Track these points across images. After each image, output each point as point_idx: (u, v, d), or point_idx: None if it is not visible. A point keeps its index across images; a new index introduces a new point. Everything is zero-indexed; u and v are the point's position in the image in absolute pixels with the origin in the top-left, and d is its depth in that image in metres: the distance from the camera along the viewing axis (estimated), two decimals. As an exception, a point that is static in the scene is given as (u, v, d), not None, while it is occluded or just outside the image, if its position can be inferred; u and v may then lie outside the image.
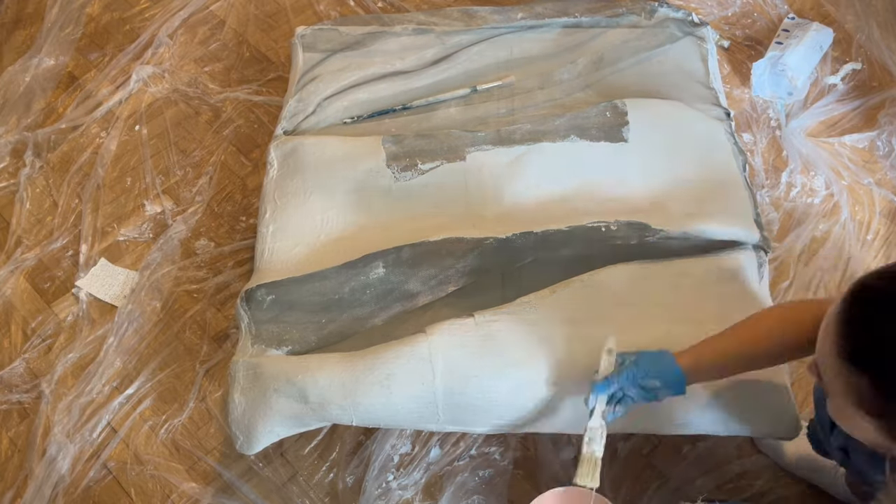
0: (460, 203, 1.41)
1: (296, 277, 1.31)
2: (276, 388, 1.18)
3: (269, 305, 1.29)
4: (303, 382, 1.17)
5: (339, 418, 1.18)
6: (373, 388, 1.16)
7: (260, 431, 1.19)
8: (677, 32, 1.64)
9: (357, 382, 1.17)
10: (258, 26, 1.97)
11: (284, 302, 1.29)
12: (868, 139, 1.64)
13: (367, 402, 1.16)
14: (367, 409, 1.17)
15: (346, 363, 1.19)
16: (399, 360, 1.17)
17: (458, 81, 1.64)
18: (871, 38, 1.79)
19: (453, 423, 1.20)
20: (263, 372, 1.20)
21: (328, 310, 1.29)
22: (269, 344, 1.27)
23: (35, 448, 1.36)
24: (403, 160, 1.44)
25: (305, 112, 1.58)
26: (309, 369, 1.18)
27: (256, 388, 1.19)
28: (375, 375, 1.17)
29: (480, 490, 1.27)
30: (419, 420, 1.19)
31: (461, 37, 1.70)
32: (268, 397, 1.18)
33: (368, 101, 1.61)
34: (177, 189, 1.68)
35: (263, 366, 1.20)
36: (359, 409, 1.17)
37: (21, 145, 1.77)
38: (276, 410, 1.18)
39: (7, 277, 1.57)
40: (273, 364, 1.21)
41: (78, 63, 1.93)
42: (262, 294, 1.29)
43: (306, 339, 1.27)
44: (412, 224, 1.39)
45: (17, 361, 1.47)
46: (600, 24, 1.69)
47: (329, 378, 1.17)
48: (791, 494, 1.25)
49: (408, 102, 1.60)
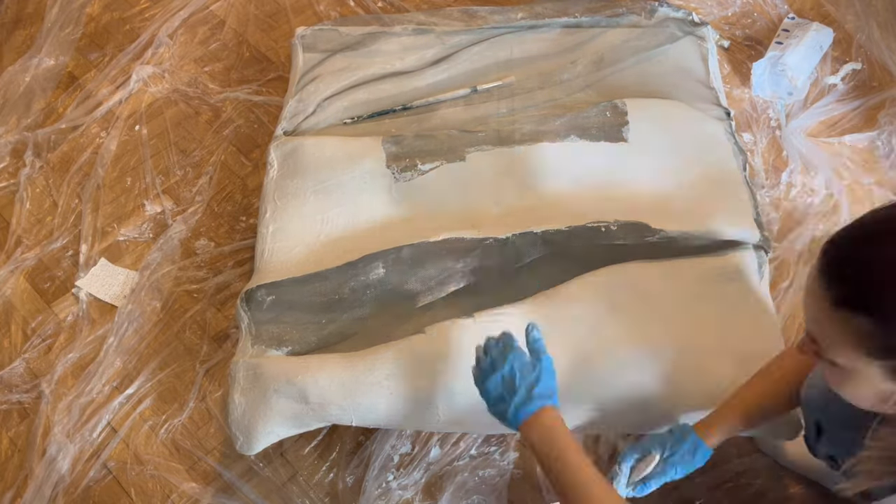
0: (460, 203, 1.41)
1: (296, 278, 1.31)
2: (276, 389, 1.18)
3: (269, 306, 1.29)
4: (303, 383, 1.17)
5: (339, 418, 1.18)
6: (372, 389, 1.16)
7: (260, 432, 1.19)
8: (677, 32, 1.64)
9: (357, 383, 1.16)
10: (258, 26, 1.97)
11: (284, 302, 1.29)
12: (868, 139, 1.64)
13: (367, 402, 1.16)
14: (366, 410, 1.17)
15: (346, 363, 1.19)
16: (398, 361, 1.17)
17: (458, 82, 1.64)
18: (871, 38, 1.79)
19: (453, 424, 1.20)
20: (263, 372, 1.20)
21: (328, 310, 1.29)
22: (270, 344, 1.27)
23: (35, 448, 1.36)
24: (403, 160, 1.44)
25: (305, 112, 1.58)
26: (309, 369, 1.18)
27: (256, 389, 1.19)
28: (375, 376, 1.17)
29: (480, 490, 1.27)
30: (419, 420, 1.19)
31: (461, 37, 1.70)
32: (268, 398, 1.18)
33: (368, 101, 1.61)
34: (177, 189, 1.68)
35: (263, 366, 1.20)
36: (359, 410, 1.17)
37: (21, 145, 1.78)
38: (276, 411, 1.18)
39: (7, 277, 1.57)
40: (273, 364, 1.21)
41: (78, 63, 1.93)
42: (262, 294, 1.29)
43: (306, 339, 1.27)
44: (412, 224, 1.39)
45: (17, 361, 1.47)
46: (600, 23, 1.69)
47: (329, 378, 1.17)
48: (791, 494, 1.25)
49: (408, 103, 1.60)
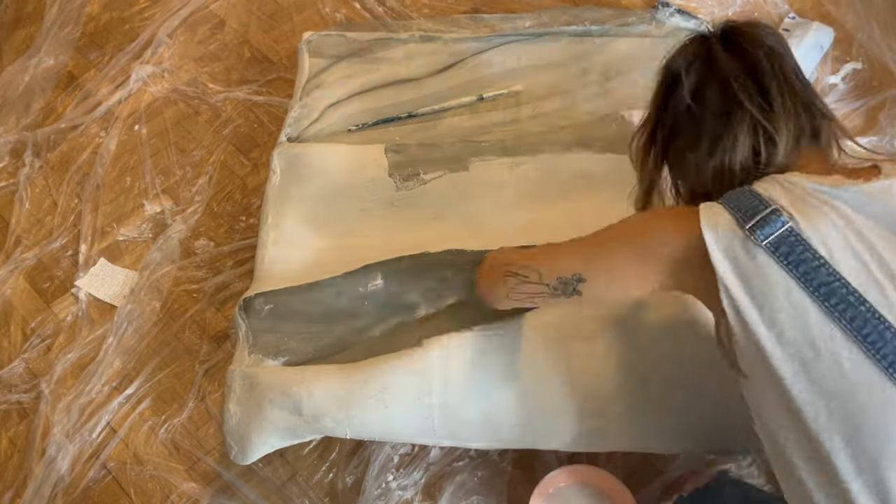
0: (462, 214, 1.40)
1: (294, 287, 1.29)
2: (271, 399, 1.16)
3: (266, 315, 1.27)
4: (297, 394, 1.15)
5: (333, 431, 1.16)
6: (368, 402, 1.14)
7: (254, 442, 1.17)
8: (688, 42, 1.63)
9: (352, 395, 1.14)
10: (259, 26, 1.96)
11: (283, 312, 1.28)
12: (869, 142, 1.64)
13: (362, 415, 1.14)
14: (361, 423, 1.15)
15: (342, 376, 1.17)
16: (395, 374, 1.15)
17: (464, 90, 1.63)
18: (872, 37, 1.79)
19: (450, 438, 1.18)
20: (259, 382, 1.18)
21: (326, 320, 1.27)
22: (267, 354, 1.25)
23: (34, 448, 1.36)
24: (406, 169, 1.43)
25: (310, 118, 1.57)
26: (304, 381, 1.17)
27: (252, 399, 1.18)
28: (371, 389, 1.14)
29: (480, 490, 1.27)
30: (415, 434, 1.17)
31: (468, 44, 1.68)
32: (262, 408, 1.17)
33: (373, 108, 1.60)
34: (176, 189, 1.68)
35: (259, 376, 1.19)
36: (353, 423, 1.15)
37: (20, 145, 1.77)
38: (271, 421, 1.16)
39: (6, 277, 1.57)
40: (269, 375, 1.20)
41: (77, 63, 1.93)
42: (260, 303, 1.28)
43: (303, 350, 1.26)
44: (413, 234, 1.37)
45: (17, 361, 1.46)
46: (609, 32, 1.67)
47: (324, 390, 1.15)
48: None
49: (413, 110, 1.59)
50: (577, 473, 1.19)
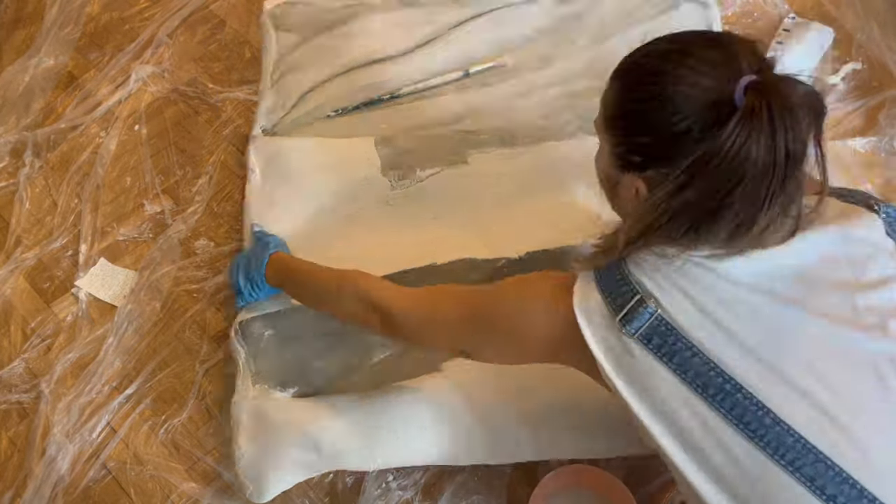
0: (464, 212, 1.34)
1: (293, 307, 1.25)
2: (288, 439, 1.14)
3: (267, 341, 1.24)
4: (316, 433, 1.13)
5: (356, 466, 1.15)
6: (390, 436, 1.13)
7: (271, 480, 1.15)
8: (679, -2, 1.53)
9: (371, 430, 1.13)
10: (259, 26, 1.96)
11: (284, 336, 1.24)
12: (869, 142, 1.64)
13: (382, 450, 1.13)
14: (384, 456, 1.14)
15: (359, 412, 1.15)
16: (417, 405, 1.14)
17: (448, 63, 1.53)
18: (872, 37, 1.79)
19: (471, 457, 1.17)
20: (272, 420, 1.16)
21: (331, 343, 1.24)
22: (272, 385, 1.22)
23: (34, 448, 1.36)
24: (400, 167, 1.36)
25: (285, 108, 1.48)
26: (319, 419, 1.14)
27: (265, 436, 1.16)
28: (390, 422, 1.13)
29: (480, 490, 1.27)
30: (435, 458, 1.17)
31: (450, 12, 1.57)
32: (278, 447, 1.14)
33: (353, 90, 1.51)
34: (176, 189, 1.68)
35: (269, 412, 1.16)
36: (375, 455, 1.14)
37: (20, 145, 1.77)
38: (290, 461, 1.14)
39: (6, 277, 1.57)
40: (280, 411, 1.17)
41: (77, 63, 1.93)
42: (259, 328, 1.24)
43: (311, 380, 1.22)
44: (413, 237, 1.32)
45: (17, 361, 1.46)
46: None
47: (342, 429, 1.14)
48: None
49: (395, 91, 1.49)
50: (577, 474, 1.19)
